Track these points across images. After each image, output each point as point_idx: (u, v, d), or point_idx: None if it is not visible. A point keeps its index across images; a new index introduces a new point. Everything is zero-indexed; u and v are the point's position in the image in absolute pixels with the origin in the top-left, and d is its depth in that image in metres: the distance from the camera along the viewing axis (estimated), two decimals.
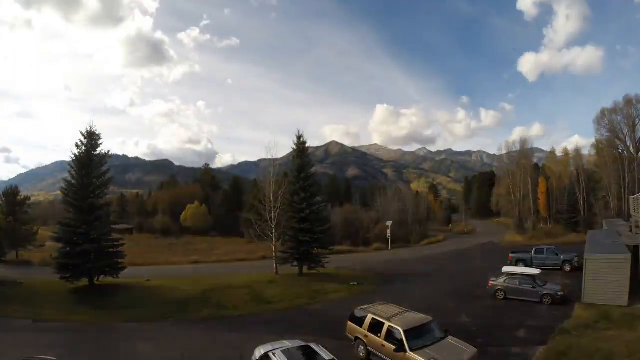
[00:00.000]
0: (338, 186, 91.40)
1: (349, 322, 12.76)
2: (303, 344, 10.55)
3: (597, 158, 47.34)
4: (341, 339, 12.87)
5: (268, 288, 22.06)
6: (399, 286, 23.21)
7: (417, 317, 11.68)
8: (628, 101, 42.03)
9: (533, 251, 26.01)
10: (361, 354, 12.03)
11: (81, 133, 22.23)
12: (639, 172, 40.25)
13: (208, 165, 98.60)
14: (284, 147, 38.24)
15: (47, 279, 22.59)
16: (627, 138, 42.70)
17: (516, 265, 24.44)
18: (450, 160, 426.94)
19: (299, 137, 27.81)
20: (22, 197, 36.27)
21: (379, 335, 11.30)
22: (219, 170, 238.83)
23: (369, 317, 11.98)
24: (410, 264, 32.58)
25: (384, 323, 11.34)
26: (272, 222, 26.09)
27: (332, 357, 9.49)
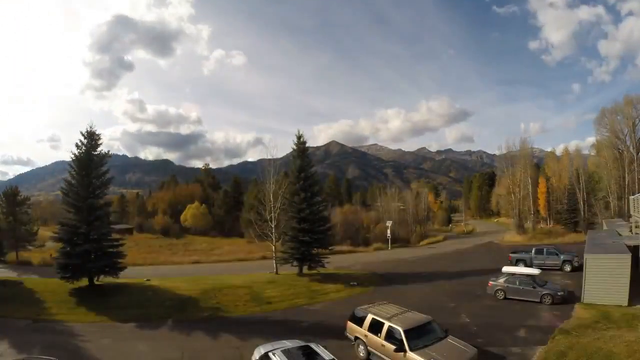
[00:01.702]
0: (338, 186, 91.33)
1: (349, 322, 12.78)
2: (303, 344, 10.56)
3: (597, 158, 47.30)
4: (341, 339, 12.87)
5: (268, 288, 22.03)
6: (399, 286, 23.21)
7: (417, 317, 11.71)
8: (628, 101, 42.01)
9: (533, 251, 25.98)
10: (361, 354, 12.04)
11: (81, 133, 22.17)
12: (639, 172, 40.21)
13: (208, 165, 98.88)
14: (283, 147, 38.41)
15: (47, 279, 22.59)
16: (627, 138, 42.65)
17: (516, 265, 24.44)
18: (450, 160, 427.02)
19: (299, 137, 27.76)
20: (22, 197, 36.25)
21: (379, 335, 11.31)
22: (219, 169, 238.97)
23: (369, 317, 11.99)
24: (410, 264, 32.57)
25: (384, 323, 11.35)
26: (272, 222, 26.06)
27: (332, 357, 9.50)
